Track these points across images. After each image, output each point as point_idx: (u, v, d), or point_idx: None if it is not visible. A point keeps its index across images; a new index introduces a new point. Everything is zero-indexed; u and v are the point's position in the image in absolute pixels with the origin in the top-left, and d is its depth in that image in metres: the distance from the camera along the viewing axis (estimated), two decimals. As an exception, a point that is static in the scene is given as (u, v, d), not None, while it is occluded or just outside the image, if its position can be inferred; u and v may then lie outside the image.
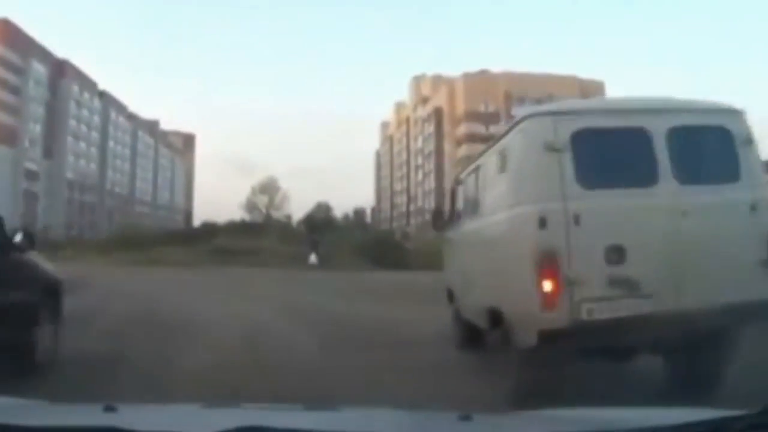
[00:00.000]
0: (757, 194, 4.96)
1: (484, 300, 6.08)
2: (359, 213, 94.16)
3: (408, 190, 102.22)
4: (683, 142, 4.92)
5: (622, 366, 5.54)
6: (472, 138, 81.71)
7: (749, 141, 5.08)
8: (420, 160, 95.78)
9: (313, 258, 28.95)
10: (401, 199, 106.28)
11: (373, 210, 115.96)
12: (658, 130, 4.90)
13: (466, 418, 2.02)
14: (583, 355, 4.99)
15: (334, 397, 4.81)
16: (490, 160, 6.30)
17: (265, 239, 36.18)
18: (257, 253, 30.93)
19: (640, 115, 5.04)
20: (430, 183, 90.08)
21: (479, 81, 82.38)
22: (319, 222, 55.61)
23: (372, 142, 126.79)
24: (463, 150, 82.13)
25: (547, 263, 4.64)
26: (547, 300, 4.61)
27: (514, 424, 2.28)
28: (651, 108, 5.15)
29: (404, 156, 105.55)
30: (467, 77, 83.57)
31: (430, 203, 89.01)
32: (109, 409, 1.99)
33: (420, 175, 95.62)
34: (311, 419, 2.25)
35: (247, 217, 65.41)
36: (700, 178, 4.96)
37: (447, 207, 9.10)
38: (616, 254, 4.67)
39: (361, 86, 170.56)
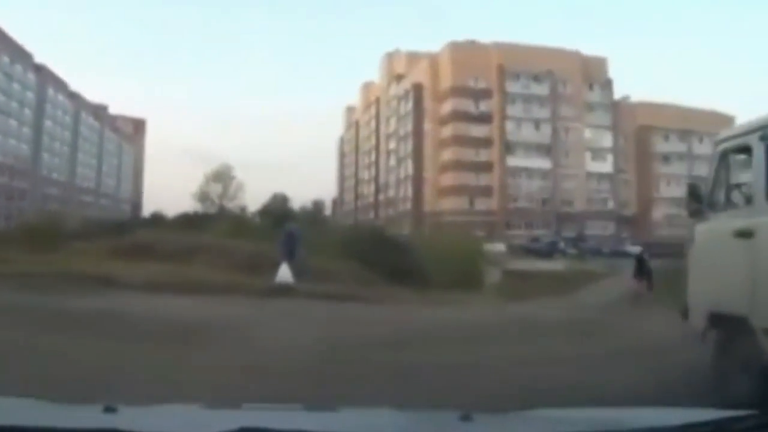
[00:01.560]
0: None
1: None
2: (318, 204, 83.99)
3: (377, 178, 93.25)
4: None
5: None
6: (459, 116, 72.51)
7: None
8: (393, 144, 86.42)
9: (284, 272, 15.66)
10: (368, 189, 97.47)
11: (334, 202, 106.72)
12: None
13: (466, 417, 1.99)
14: None
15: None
16: None
17: (214, 234, 26.94)
18: (196, 254, 20.99)
19: None
20: (407, 169, 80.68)
21: (468, 53, 72.85)
22: (279, 213, 45.93)
23: (335, 131, 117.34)
24: (449, 129, 72.88)
25: None
26: None
27: (514, 424, 2.23)
28: None
29: (373, 141, 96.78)
30: (454, 49, 73.92)
31: (407, 191, 79.92)
32: (109, 409, 1.99)
33: (393, 161, 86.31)
34: (311, 419, 2.25)
35: (199, 208, 57.85)
36: None
37: (710, 183, 5.86)
38: None
39: (323, 72, 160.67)
